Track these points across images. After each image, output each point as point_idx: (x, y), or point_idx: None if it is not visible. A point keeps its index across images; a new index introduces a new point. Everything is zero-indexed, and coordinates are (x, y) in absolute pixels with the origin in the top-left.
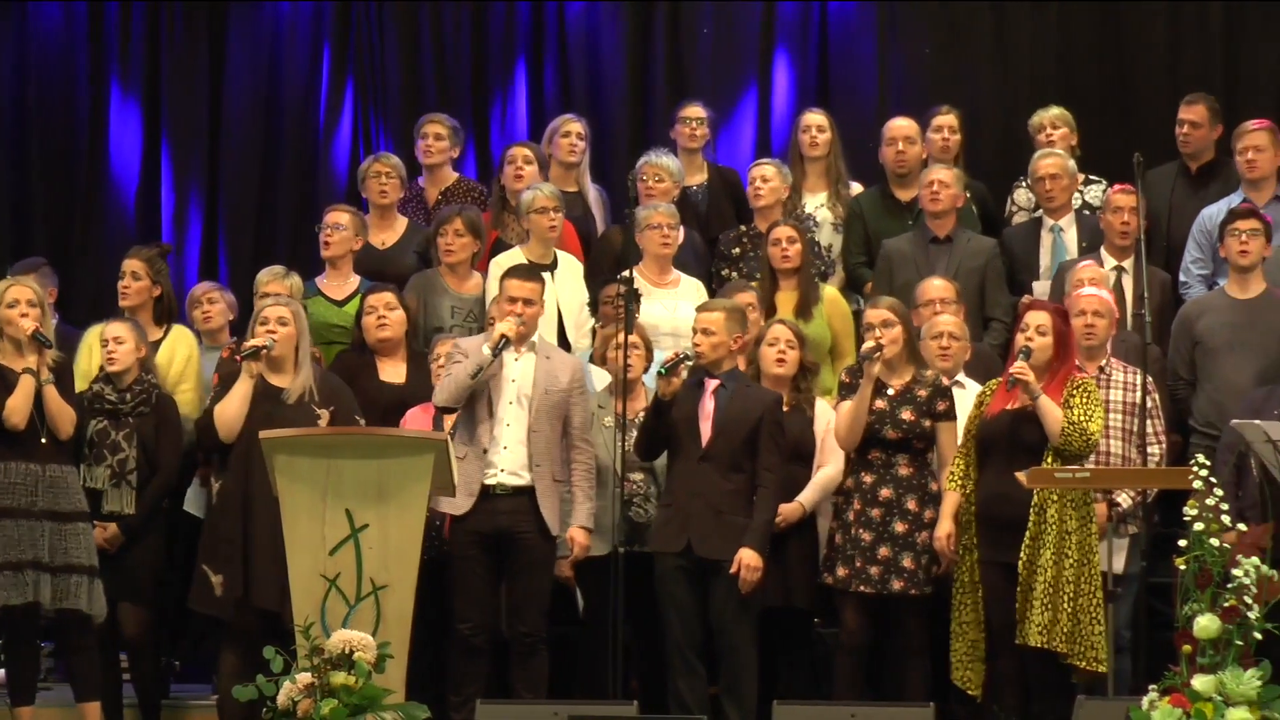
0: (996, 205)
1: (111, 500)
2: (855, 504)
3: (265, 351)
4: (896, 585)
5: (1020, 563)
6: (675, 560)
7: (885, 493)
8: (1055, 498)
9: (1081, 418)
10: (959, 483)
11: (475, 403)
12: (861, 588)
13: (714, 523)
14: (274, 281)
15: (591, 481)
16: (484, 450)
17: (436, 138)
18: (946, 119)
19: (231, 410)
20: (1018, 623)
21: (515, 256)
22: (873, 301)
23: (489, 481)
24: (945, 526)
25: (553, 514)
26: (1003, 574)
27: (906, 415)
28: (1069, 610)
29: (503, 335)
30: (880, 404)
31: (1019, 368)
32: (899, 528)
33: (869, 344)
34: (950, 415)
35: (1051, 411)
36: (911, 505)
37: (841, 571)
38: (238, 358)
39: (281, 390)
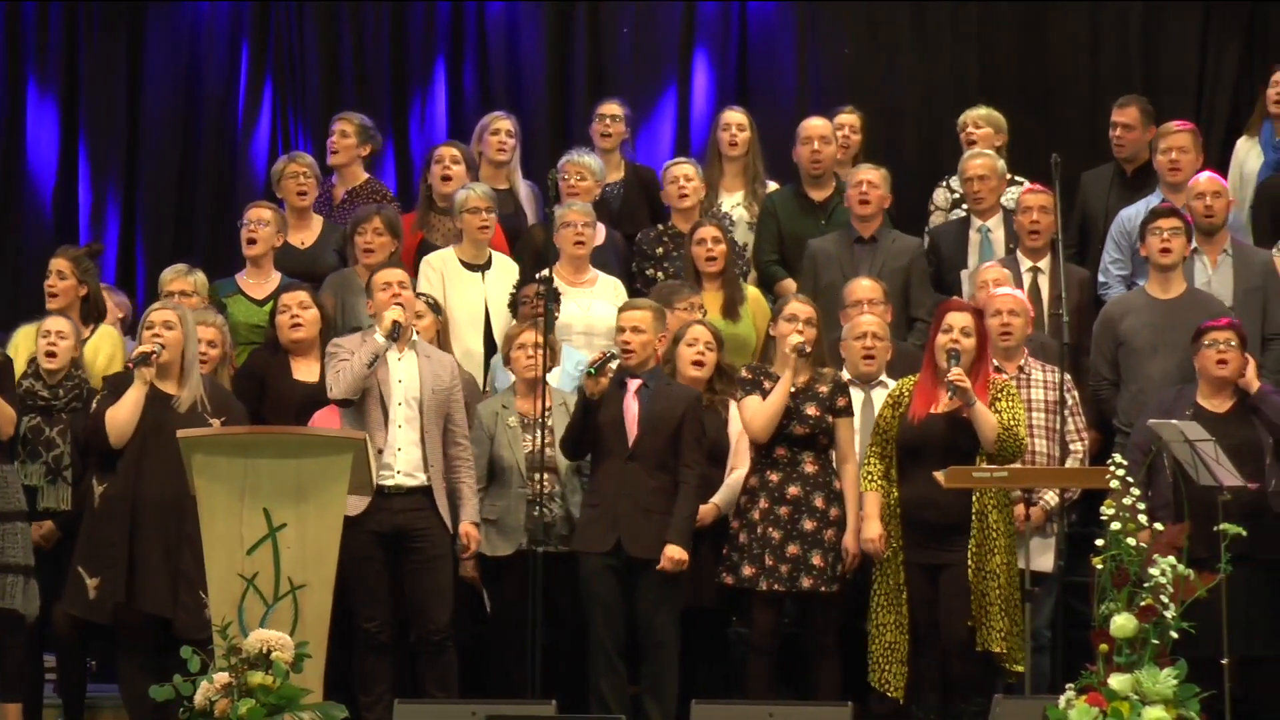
0: (918, 205)
1: (47, 497)
2: (762, 502)
3: (155, 357)
4: (806, 583)
5: (970, 569)
6: (602, 560)
7: (793, 490)
8: (994, 500)
9: (1012, 422)
10: (878, 483)
11: (365, 404)
12: (774, 586)
13: (643, 521)
14: (177, 279)
15: (474, 477)
16: (379, 451)
17: (343, 135)
18: (849, 119)
19: (123, 416)
20: (976, 629)
21: (448, 256)
22: (786, 298)
23: (385, 483)
24: (875, 528)
25: (449, 512)
26: (929, 576)
27: (811, 411)
28: (1009, 613)
29: (395, 322)
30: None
31: (956, 374)
32: (807, 525)
33: (797, 339)
34: (849, 411)
35: (986, 418)
36: (819, 503)
37: (748, 570)
38: (128, 364)
39: (172, 397)
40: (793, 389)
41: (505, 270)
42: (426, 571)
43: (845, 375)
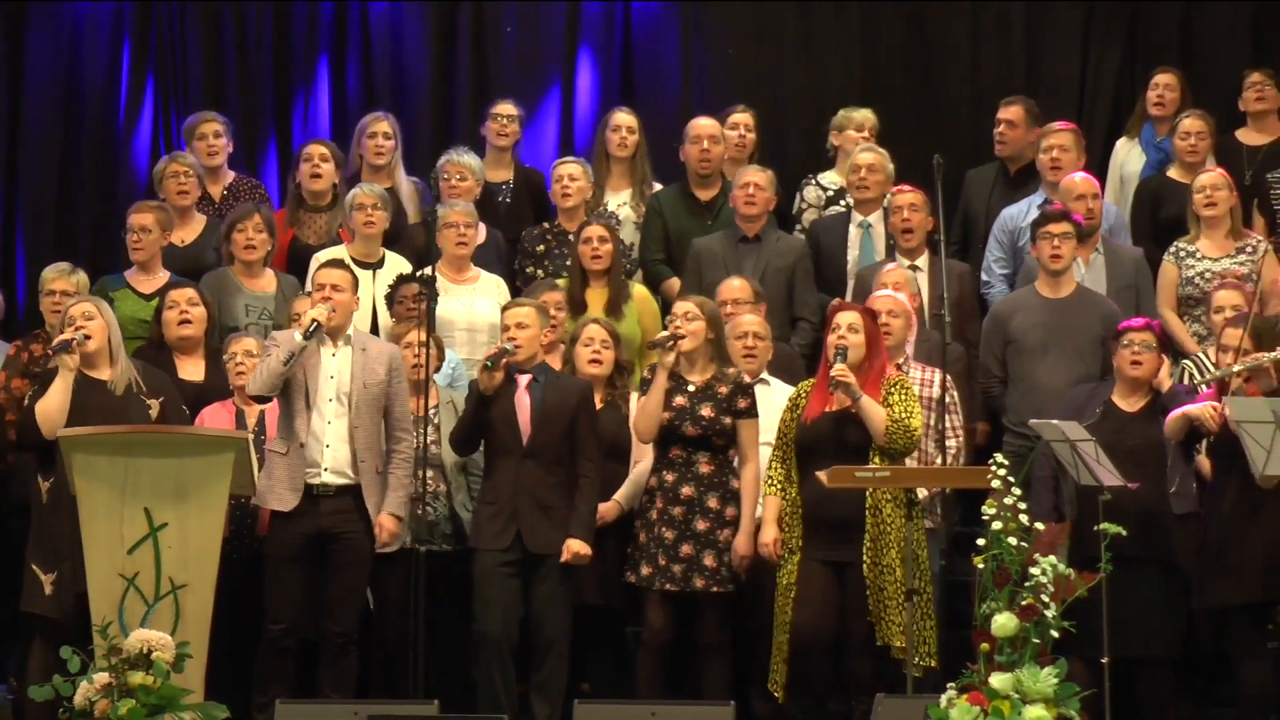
0: (787, 203)
1: None
2: (658, 502)
3: (76, 344)
4: (699, 583)
5: (865, 565)
6: (499, 556)
7: (687, 491)
8: (889, 496)
9: (903, 415)
10: (779, 487)
11: (295, 398)
12: (667, 585)
13: (542, 517)
14: (59, 279)
15: (408, 471)
16: (306, 447)
17: (216, 135)
18: (743, 117)
19: (53, 405)
20: (875, 625)
21: (337, 254)
22: (682, 296)
23: (312, 481)
24: (770, 532)
25: (377, 509)
26: (828, 573)
27: (706, 412)
28: (907, 609)
29: (314, 320)
30: (680, 400)
31: (839, 370)
32: (700, 525)
33: (664, 333)
34: (751, 413)
35: (874, 411)
36: (713, 503)
37: (645, 570)
38: (49, 351)
39: (105, 382)
40: (692, 387)
41: (396, 268)
42: (345, 574)
43: (746, 377)
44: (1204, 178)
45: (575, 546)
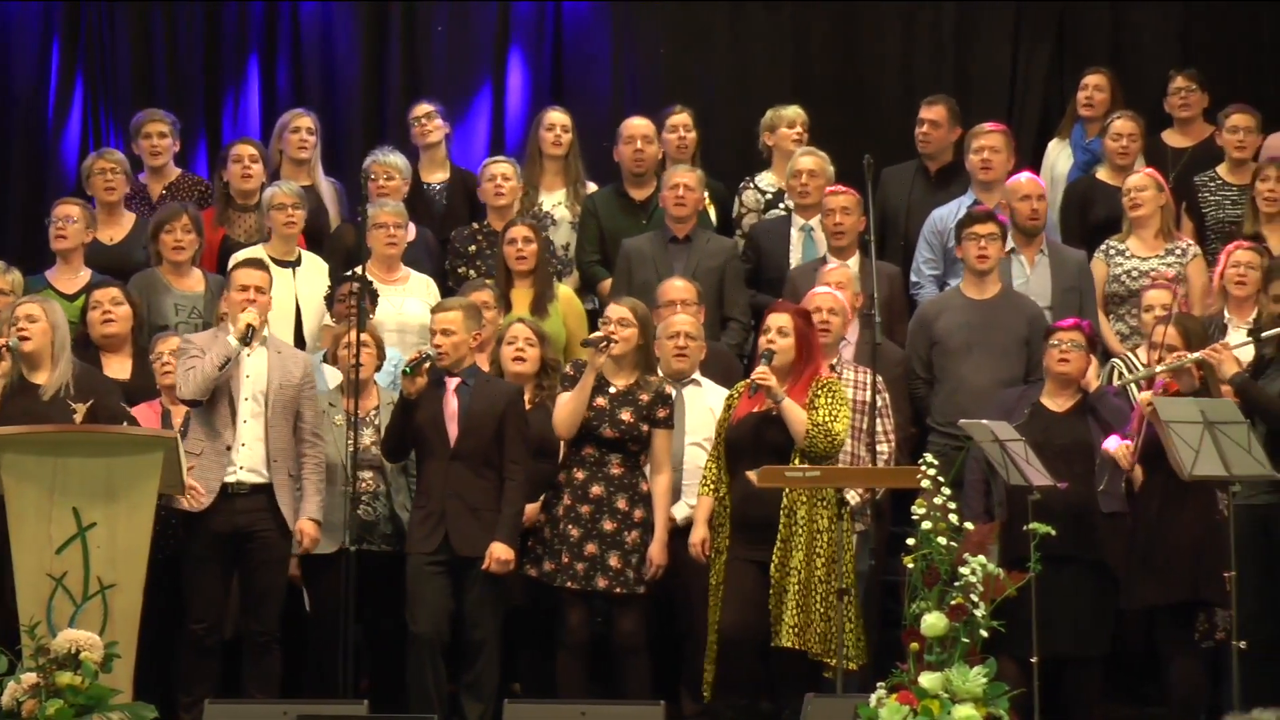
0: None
1: None
2: (565, 499)
3: (5, 349)
4: (601, 583)
5: (773, 565)
6: (429, 558)
7: (596, 490)
8: (805, 498)
9: (826, 418)
10: (710, 487)
11: (213, 399)
12: (568, 583)
13: (471, 520)
14: None
15: (321, 476)
16: (226, 447)
17: (161, 136)
18: (681, 118)
19: None
20: (772, 625)
21: (255, 254)
22: (616, 298)
23: (229, 479)
24: (699, 533)
25: (290, 511)
26: (753, 573)
27: (625, 416)
28: (821, 610)
29: (249, 325)
30: (601, 401)
31: (760, 372)
32: (607, 526)
33: (597, 334)
34: (669, 423)
35: (795, 414)
36: (621, 504)
37: (548, 565)
38: None
39: (38, 386)
40: (614, 390)
41: (315, 268)
42: (261, 573)
43: (669, 388)
44: (1133, 179)
45: (498, 551)
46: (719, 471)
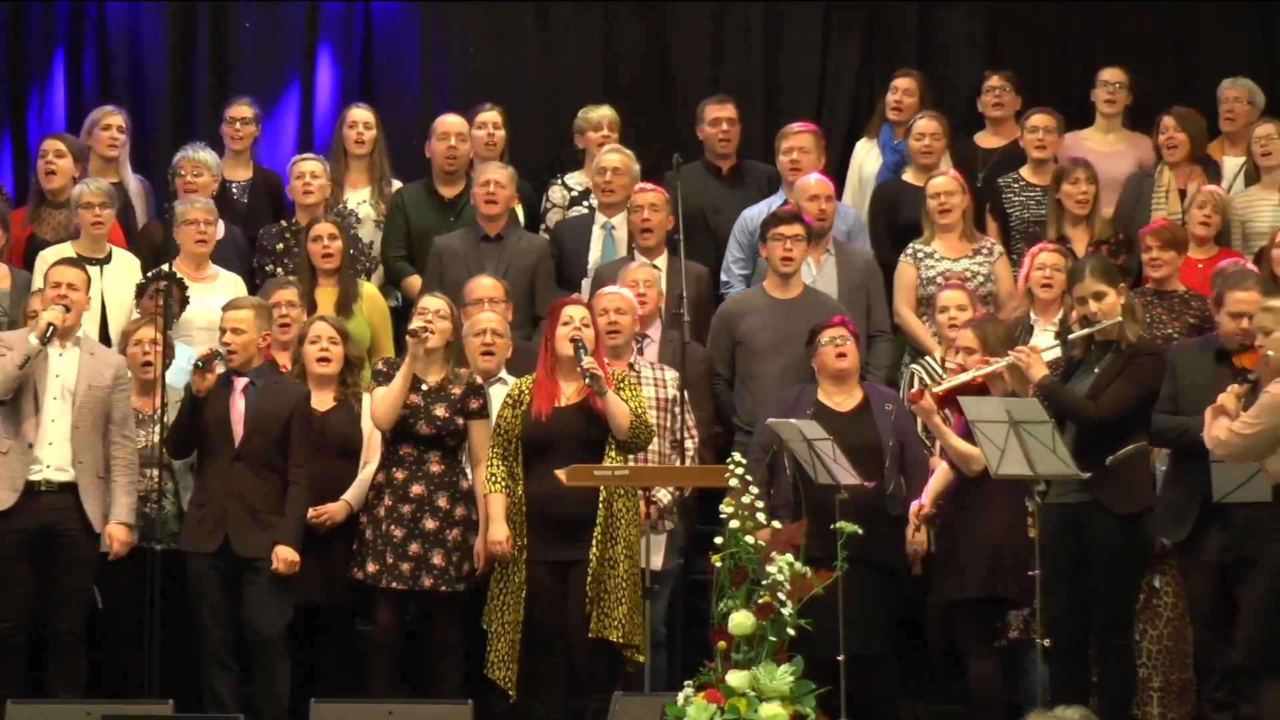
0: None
1: None
2: (387, 500)
3: None
4: (427, 582)
5: (592, 559)
6: (209, 560)
7: (417, 489)
8: (622, 491)
9: (640, 409)
10: (501, 484)
11: (19, 397)
12: (393, 584)
13: (250, 522)
14: None
15: (131, 478)
16: (29, 445)
17: None
18: (490, 115)
19: None
20: (589, 617)
21: (64, 251)
22: (430, 291)
23: (33, 477)
24: (500, 530)
25: (96, 511)
26: (557, 573)
27: (440, 411)
28: (629, 603)
29: (50, 324)
30: (414, 399)
31: (590, 362)
32: (430, 525)
33: (419, 323)
34: (483, 413)
35: (618, 406)
36: (443, 502)
37: (372, 567)
38: None
39: None
40: (425, 388)
41: (125, 265)
42: (67, 573)
43: (479, 379)
44: (936, 183)
45: (284, 554)
46: (509, 468)
